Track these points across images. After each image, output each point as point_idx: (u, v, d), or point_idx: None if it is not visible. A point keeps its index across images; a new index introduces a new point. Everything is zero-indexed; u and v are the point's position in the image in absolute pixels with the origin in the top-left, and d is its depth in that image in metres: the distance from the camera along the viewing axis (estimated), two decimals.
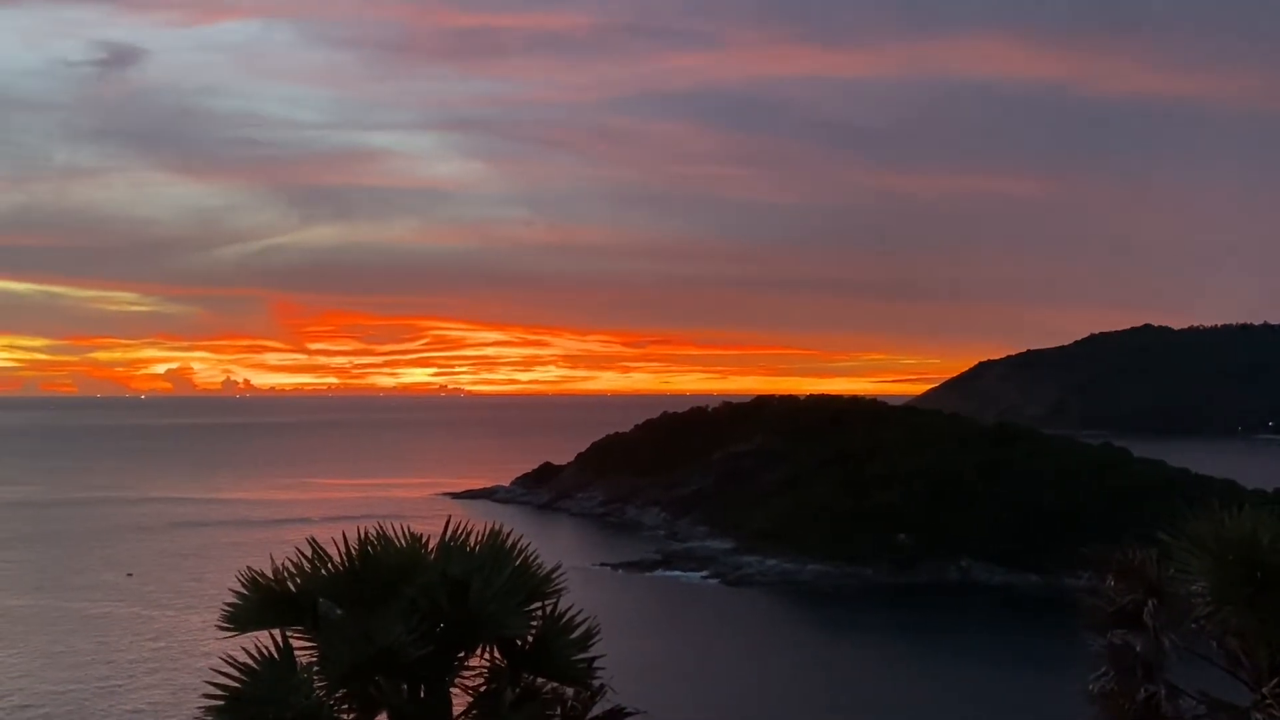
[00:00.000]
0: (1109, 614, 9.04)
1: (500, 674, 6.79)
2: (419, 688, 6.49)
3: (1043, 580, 79.77)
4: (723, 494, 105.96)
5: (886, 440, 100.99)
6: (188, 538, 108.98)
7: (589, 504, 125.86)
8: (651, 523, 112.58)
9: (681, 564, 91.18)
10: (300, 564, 6.53)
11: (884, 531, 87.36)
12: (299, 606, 6.45)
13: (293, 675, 6.17)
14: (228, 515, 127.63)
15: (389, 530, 6.78)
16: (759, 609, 78.42)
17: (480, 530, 7.09)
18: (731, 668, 61.18)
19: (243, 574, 6.49)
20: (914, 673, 60.54)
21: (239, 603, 6.46)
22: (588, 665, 6.96)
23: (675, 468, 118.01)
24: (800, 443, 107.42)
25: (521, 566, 7.00)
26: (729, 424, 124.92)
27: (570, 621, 6.97)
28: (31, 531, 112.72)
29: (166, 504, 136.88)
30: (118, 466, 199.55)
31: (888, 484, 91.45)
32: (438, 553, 6.85)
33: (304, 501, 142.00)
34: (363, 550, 6.57)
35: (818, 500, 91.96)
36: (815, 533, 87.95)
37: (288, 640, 6.37)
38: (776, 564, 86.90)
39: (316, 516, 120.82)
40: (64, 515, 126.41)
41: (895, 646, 66.84)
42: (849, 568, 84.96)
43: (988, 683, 57.98)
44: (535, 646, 6.84)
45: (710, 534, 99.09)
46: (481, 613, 6.57)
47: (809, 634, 71.71)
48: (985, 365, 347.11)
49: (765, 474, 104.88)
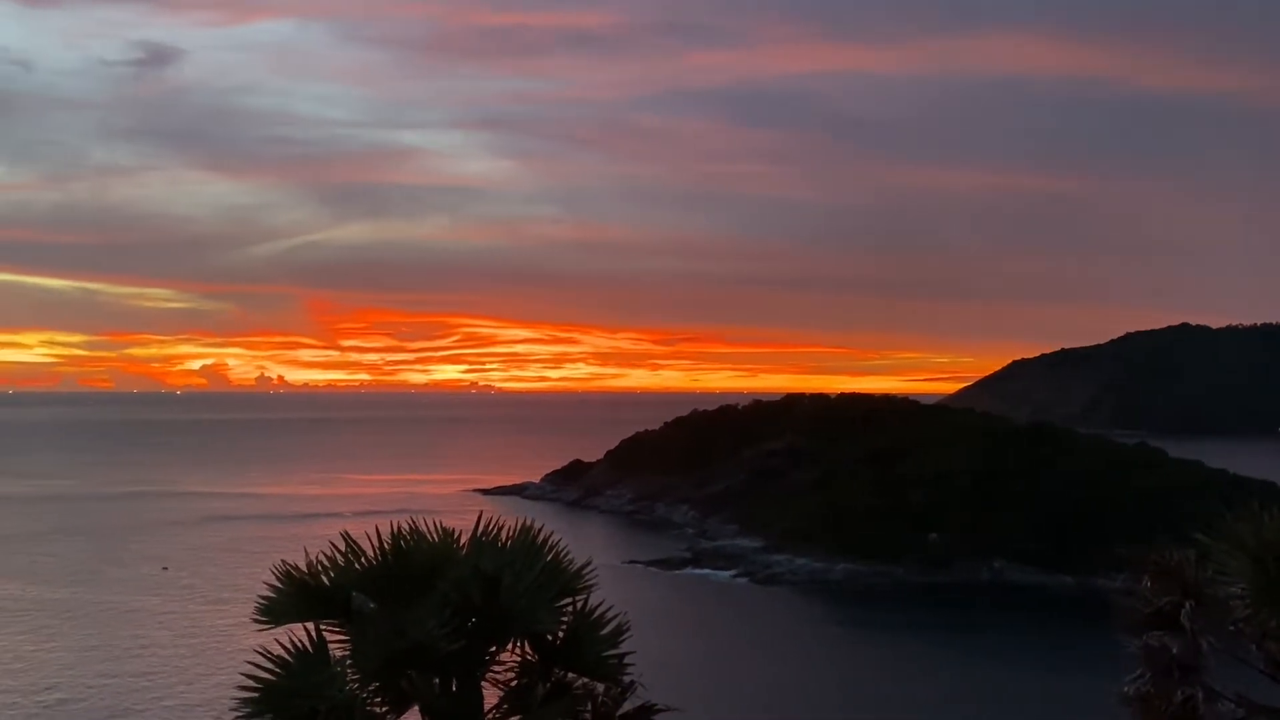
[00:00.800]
0: (1145, 615, 8.91)
1: (531, 669, 6.80)
2: (450, 682, 6.51)
3: (1075, 581, 79.03)
4: (752, 492, 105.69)
5: (918, 439, 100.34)
6: (222, 532, 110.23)
7: (618, 501, 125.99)
8: (681, 521, 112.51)
9: (711, 562, 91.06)
10: (334, 558, 6.56)
11: (915, 531, 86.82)
12: (332, 600, 6.49)
13: (326, 668, 6.21)
14: (261, 510, 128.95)
15: (421, 525, 6.82)
16: (789, 608, 78.19)
17: (511, 526, 7.11)
18: (761, 666, 61.05)
19: (277, 568, 6.53)
20: (945, 673, 60.13)
21: (273, 596, 6.50)
22: (618, 661, 6.95)
23: (705, 466, 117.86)
24: (831, 441, 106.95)
25: (553, 562, 7.01)
26: (759, 422, 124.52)
27: (601, 618, 6.97)
28: (69, 525, 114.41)
29: (201, 498, 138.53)
30: (153, 461, 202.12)
31: (919, 483, 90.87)
32: (469, 548, 6.87)
33: (336, 497, 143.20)
34: (395, 545, 6.60)
35: (848, 499, 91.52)
36: (846, 532, 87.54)
37: (321, 634, 6.41)
38: (806, 563, 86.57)
39: (348, 511, 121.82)
40: (100, 509, 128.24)
41: (926, 646, 66.42)
42: (880, 567, 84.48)
43: (1020, 684, 57.49)
44: (566, 642, 6.84)
45: (740, 532, 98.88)
46: (513, 608, 6.58)
47: (839, 633, 71.40)
48: (1019, 364, 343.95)
49: (795, 472, 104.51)
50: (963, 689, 56.65)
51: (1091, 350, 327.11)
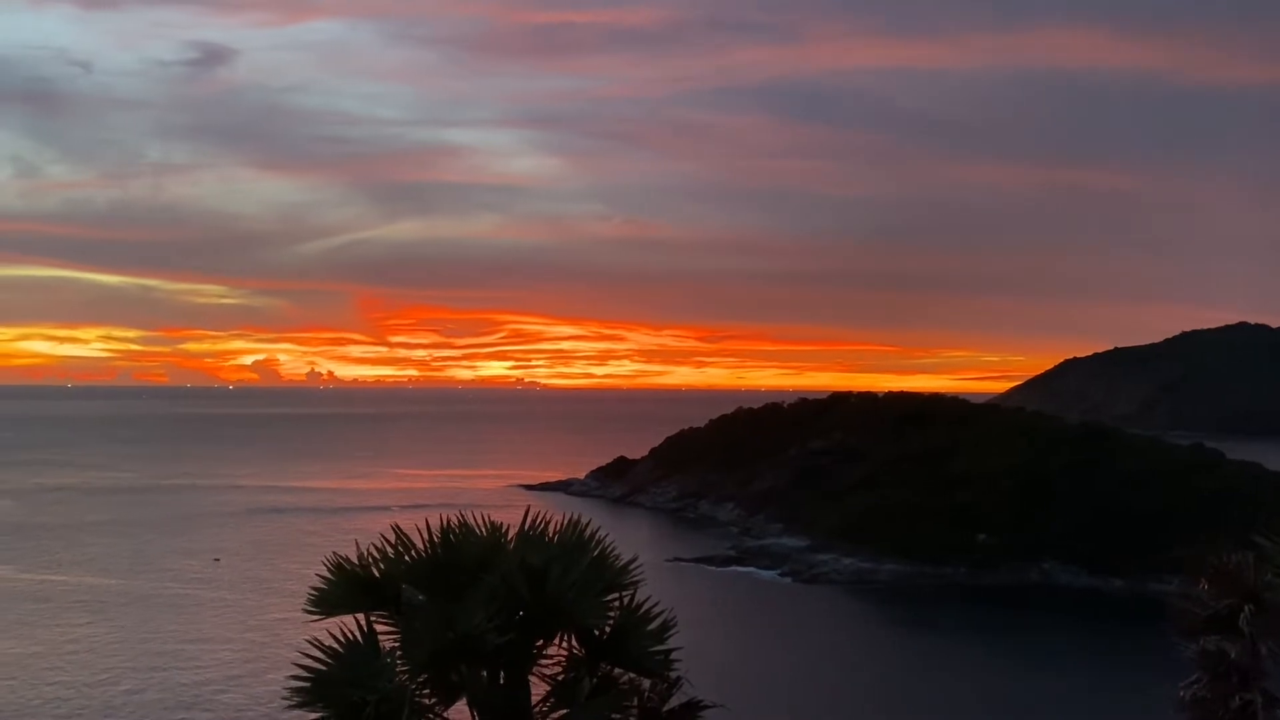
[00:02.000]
0: (1202, 619, 8.76)
1: (578, 663, 6.84)
2: (499, 675, 6.57)
3: (1127, 584, 77.72)
4: (798, 491, 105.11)
5: (967, 438, 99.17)
6: (272, 524, 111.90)
7: (663, 498, 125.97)
8: (725, 518, 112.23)
9: (755, 560, 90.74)
10: (384, 550, 6.65)
11: (963, 531, 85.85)
12: (383, 592, 6.58)
13: (377, 659, 6.29)
14: (310, 503, 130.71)
15: (470, 519, 6.87)
16: (834, 607, 77.71)
17: (558, 521, 7.15)
18: (806, 665, 60.76)
19: (328, 559, 6.63)
20: (993, 674, 59.43)
21: (325, 587, 6.60)
22: (665, 657, 6.97)
23: (750, 463, 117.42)
24: (878, 440, 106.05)
25: (600, 557, 7.04)
26: (805, 420, 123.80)
27: (648, 613, 6.99)
28: (124, 516, 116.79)
29: (252, 491, 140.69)
30: (206, 455, 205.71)
31: (968, 483, 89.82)
32: (517, 542, 6.93)
33: (384, 490, 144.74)
34: (445, 538, 6.67)
35: (895, 498, 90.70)
36: (892, 531, 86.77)
37: (372, 625, 6.50)
38: (852, 562, 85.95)
39: (395, 505, 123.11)
40: (155, 501, 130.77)
41: (973, 647, 65.69)
42: (926, 567, 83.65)
43: (1070, 686, 56.63)
44: (613, 637, 6.87)
45: (785, 531, 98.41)
46: (560, 602, 6.62)
47: (885, 633, 70.84)
48: (1071, 363, 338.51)
49: (841, 471, 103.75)
50: (1011, 690, 55.96)
51: (1146, 349, 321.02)
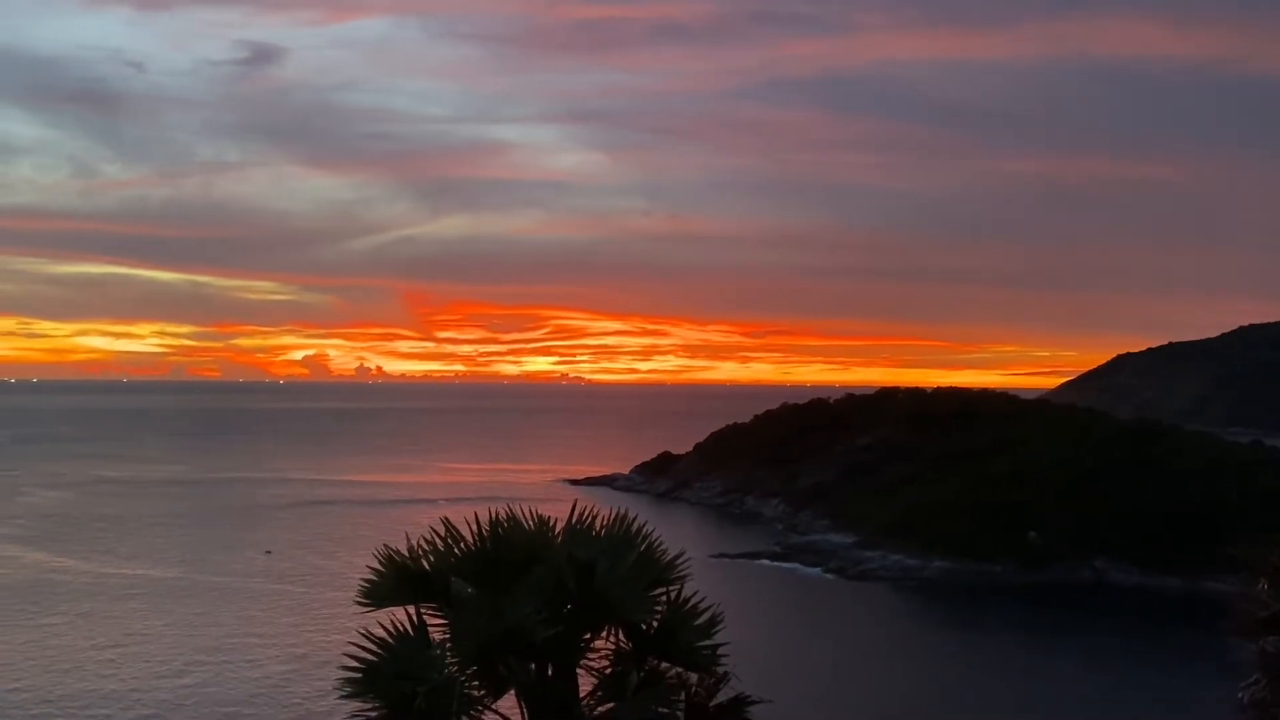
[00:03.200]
0: (1261, 619, 8.58)
1: (625, 657, 6.85)
2: (547, 667, 6.59)
3: (1183, 583, 76.22)
4: (844, 487, 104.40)
5: (1018, 435, 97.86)
6: (322, 517, 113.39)
7: (707, 494, 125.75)
8: (771, 514, 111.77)
9: (801, 557, 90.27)
10: (434, 543, 6.71)
11: (1013, 529, 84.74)
12: (432, 584, 6.63)
13: (426, 651, 6.35)
14: (359, 495, 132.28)
15: (518, 512, 6.91)
16: (882, 605, 77.10)
17: (605, 515, 7.15)
18: (853, 662, 60.39)
19: (379, 552, 6.69)
20: (1043, 673, 58.65)
21: (375, 579, 6.67)
22: (712, 652, 6.96)
23: (795, 459, 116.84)
24: (926, 436, 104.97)
25: (646, 552, 7.05)
26: (851, 416, 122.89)
27: (695, 608, 6.98)
28: (178, 509, 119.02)
29: (303, 484, 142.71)
30: (258, 448, 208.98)
31: (1018, 480, 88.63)
32: (564, 536, 6.95)
33: (431, 483, 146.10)
34: (493, 531, 6.71)
35: (944, 495, 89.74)
36: (941, 529, 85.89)
37: (422, 617, 6.56)
38: (900, 560, 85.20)
39: (442, 498, 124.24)
40: (208, 494, 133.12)
41: (1023, 646, 64.87)
42: (975, 565, 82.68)
43: (1123, 686, 55.75)
44: (660, 631, 6.87)
45: (831, 528, 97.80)
46: (607, 596, 6.63)
47: (933, 631, 70.18)
48: (1124, 358, 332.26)
49: (889, 467, 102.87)
50: (1062, 690, 55.18)
51: (1202, 344, 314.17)
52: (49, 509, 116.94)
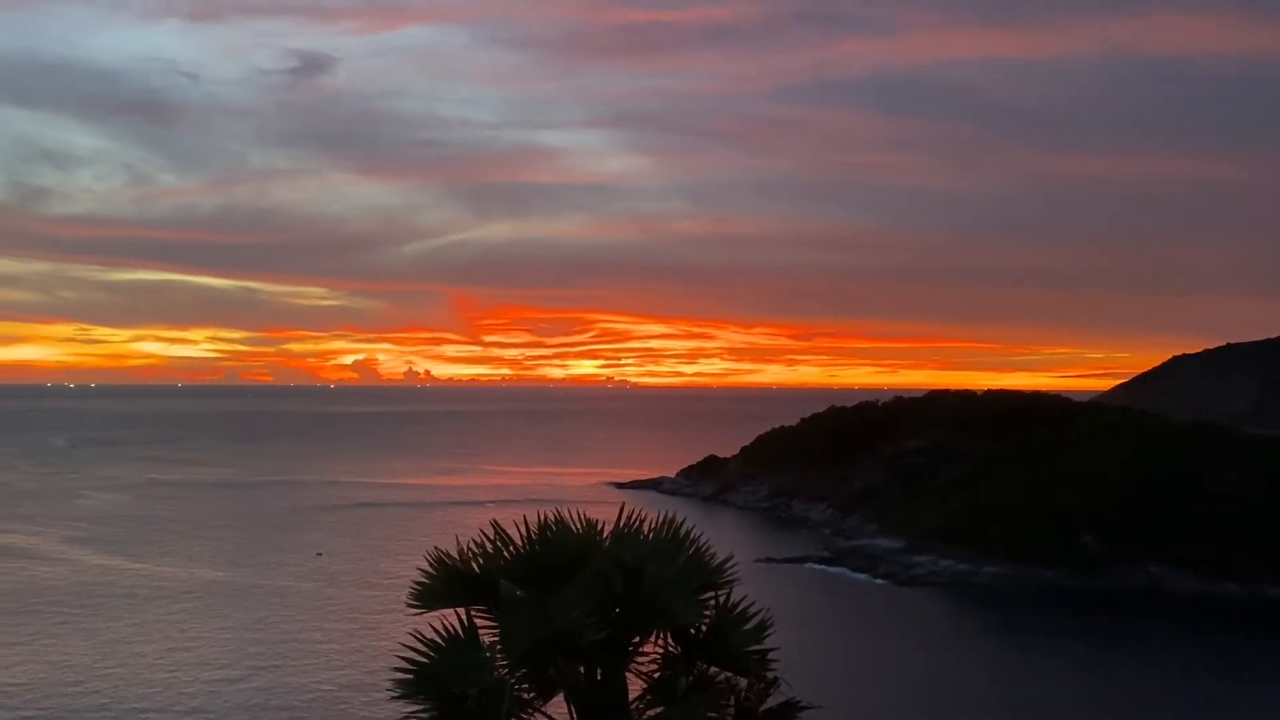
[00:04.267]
0: None
1: (674, 661, 6.82)
2: (595, 671, 6.58)
3: (1242, 589, 74.63)
4: (893, 491, 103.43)
5: (1070, 438, 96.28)
6: (372, 519, 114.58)
7: (753, 498, 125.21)
8: (818, 519, 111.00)
9: (850, 562, 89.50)
10: (483, 546, 6.73)
11: (1066, 533, 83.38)
12: (482, 586, 6.65)
13: (477, 653, 6.36)
14: (408, 498, 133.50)
15: (566, 515, 6.91)
16: (932, 610, 76.22)
17: (653, 519, 7.14)
18: (904, 668, 59.76)
19: (429, 554, 6.73)
20: (1097, 681, 57.58)
21: (426, 582, 6.70)
22: (761, 657, 6.90)
23: (843, 463, 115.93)
24: (976, 439, 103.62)
25: (694, 556, 7.01)
26: (900, 419, 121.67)
27: (744, 612, 6.93)
28: (231, 511, 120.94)
29: (353, 487, 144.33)
30: (309, 451, 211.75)
31: (1071, 483, 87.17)
32: (612, 539, 6.94)
33: (478, 486, 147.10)
34: (542, 534, 6.72)
35: (995, 499, 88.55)
36: (992, 533, 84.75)
37: (472, 619, 6.58)
38: (950, 564, 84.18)
39: (489, 500, 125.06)
40: (259, 496, 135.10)
41: (1076, 652, 63.77)
42: (1028, 570, 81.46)
43: (1180, 693, 54.63)
44: (709, 636, 6.83)
45: (880, 532, 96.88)
46: (656, 599, 6.61)
47: (984, 636, 69.27)
48: (1180, 359, 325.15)
49: (938, 471, 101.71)
50: (1117, 698, 54.17)
51: (1261, 345, 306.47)
52: (106, 511, 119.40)
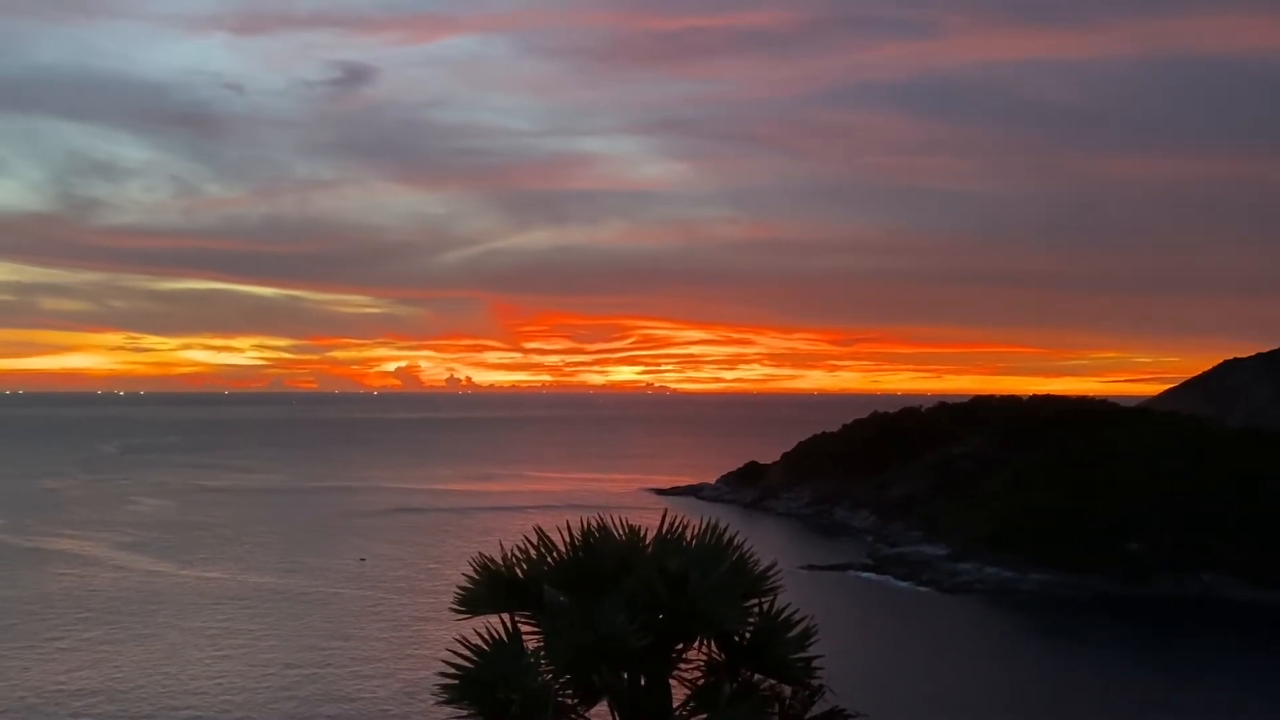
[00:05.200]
0: None
1: (718, 668, 6.78)
2: (639, 677, 6.56)
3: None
4: (937, 497, 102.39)
5: (1118, 443, 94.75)
6: (414, 524, 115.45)
7: (795, 504, 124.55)
8: (860, 525, 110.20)
9: (893, 569, 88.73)
10: (527, 551, 6.74)
11: (1114, 540, 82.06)
12: (526, 592, 6.65)
13: (521, 659, 6.36)
14: (450, 503, 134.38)
15: (608, 521, 6.90)
16: (977, 618, 75.34)
17: (696, 525, 7.11)
18: (949, 677, 59.09)
19: (474, 559, 6.76)
20: (1148, 691, 56.59)
21: (471, 587, 6.72)
22: (806, 664, 6.84)
23: (886, 469, 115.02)
24: (1022, 445, 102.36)
25: (738, 562, 6.96)
26: (944, 425, 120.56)
27: (788, 620, 6.88)
28: (276, 516, 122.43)
29: (395, 493, 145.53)
30: (353, 458, 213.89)
31: (1119, 490, 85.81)
32: (655, 545, 6.91)
33: (520, 492, 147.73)
34: (585, 540, 6.72)
35: (1041, 506, 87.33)
36: (1038, 540, 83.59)
37: (516, 624, 6.59)
38: (995, 572, 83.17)
39: (531, 506, 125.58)
40: (305, 501, 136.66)
41: (1126, 662, 62.71)
42: (1075, 578, 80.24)
43: (1232, 706, 53.48)
44: (753, 643, 6.78)
45: (924, 539, 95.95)
46: (699, 606, 6.57)
47: (1031, 645, 68.32)
48: (1231, 363, 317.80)
49: (983, 477, 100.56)
50: (1168, 709, 53.15)
51: None
52: (155, 517, 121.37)
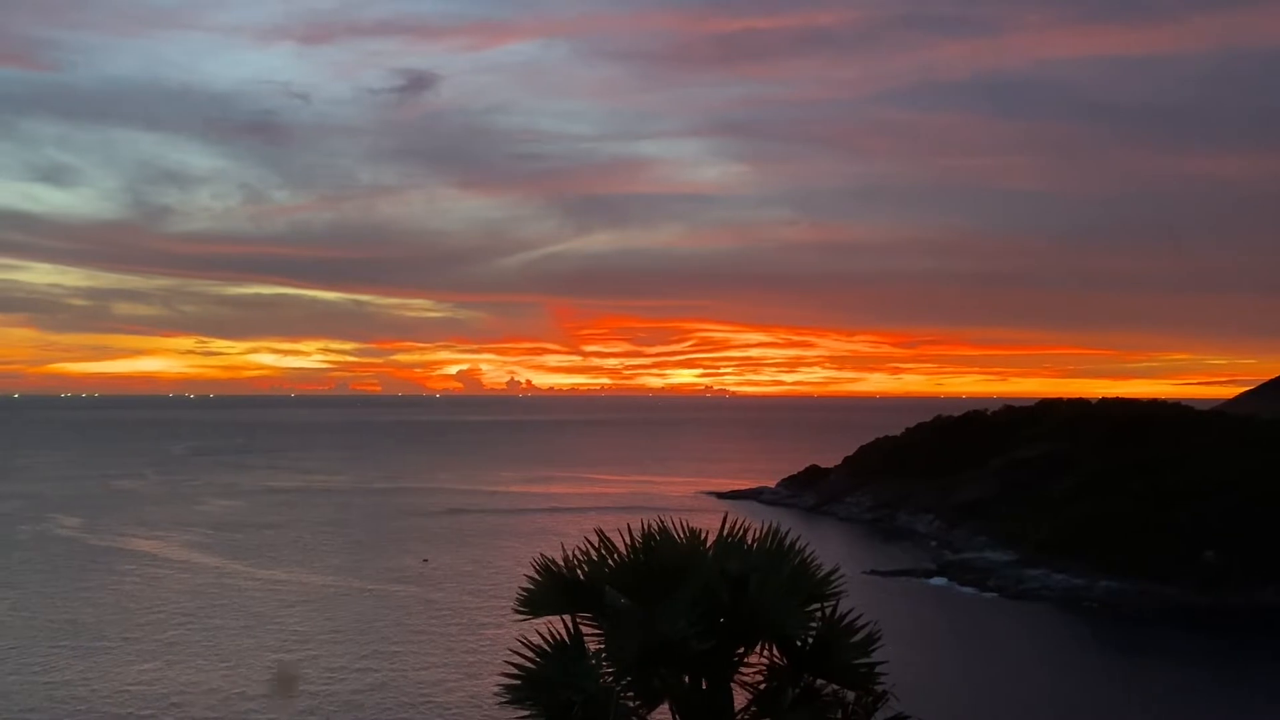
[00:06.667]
0: None
1: (780, 673, 6.74)
2: (700, 681, 6.55)
3: None
4: (1003, 502, 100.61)
5: (1192, 447, 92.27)
6: (476, 526, 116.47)
7: (857, 509, 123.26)
8: (924, 531, 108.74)
9: (958, 575, 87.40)
10: (588, 553, 6.77)
11: (1188, 548, 79.89)
12: (587, 594, 6.68)
13: (582, 660, 6.39)
14: (510, 505, 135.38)
15: (669, 524, 6.90)
16: (1045, 626, 73.88)
17: (757, 529, 7.08)
18: (1015, 685, 58.04)
19: (536, 561, 6.80)
20: (1222, 706, 54.99)
21: (533, 588, 6.76)
22: (870, 670, 6.78)
23: (951, 473, 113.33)
24: (1091, 449, 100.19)
25: (800, 567, 6.92)
26: (1010, 428, 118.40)
27: (851, 625, 6.82)
28: (342, 517, 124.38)
29: (458, 494, 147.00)
30: (416, 459, 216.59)
31: (1193, 495, 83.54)
32: (716, 549, 6.90)
33: (579, 494, 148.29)
34: (646, 543, 6.72)
35: (1112, 511, 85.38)
36: (1109, 547, 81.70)
37: (578, 626, 6.61)
38: (1064, 579, 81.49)
39: (591, 508, 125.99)
40: (369, 503, 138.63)
41: (1199, 673, 61.04)
42: (1147, 586, 78.25)
43: None
44: (815, 648, 6.74)
45: (989, 545, 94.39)
46: (761, 610, 6.55)
47: (1100, 655, 66.77)
48: None
49: (1051, 482, 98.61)
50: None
51: None
52: (224, 517, 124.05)
